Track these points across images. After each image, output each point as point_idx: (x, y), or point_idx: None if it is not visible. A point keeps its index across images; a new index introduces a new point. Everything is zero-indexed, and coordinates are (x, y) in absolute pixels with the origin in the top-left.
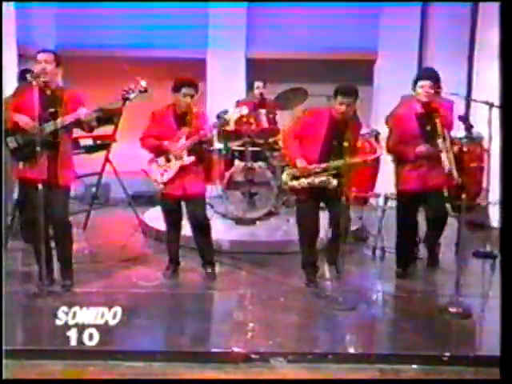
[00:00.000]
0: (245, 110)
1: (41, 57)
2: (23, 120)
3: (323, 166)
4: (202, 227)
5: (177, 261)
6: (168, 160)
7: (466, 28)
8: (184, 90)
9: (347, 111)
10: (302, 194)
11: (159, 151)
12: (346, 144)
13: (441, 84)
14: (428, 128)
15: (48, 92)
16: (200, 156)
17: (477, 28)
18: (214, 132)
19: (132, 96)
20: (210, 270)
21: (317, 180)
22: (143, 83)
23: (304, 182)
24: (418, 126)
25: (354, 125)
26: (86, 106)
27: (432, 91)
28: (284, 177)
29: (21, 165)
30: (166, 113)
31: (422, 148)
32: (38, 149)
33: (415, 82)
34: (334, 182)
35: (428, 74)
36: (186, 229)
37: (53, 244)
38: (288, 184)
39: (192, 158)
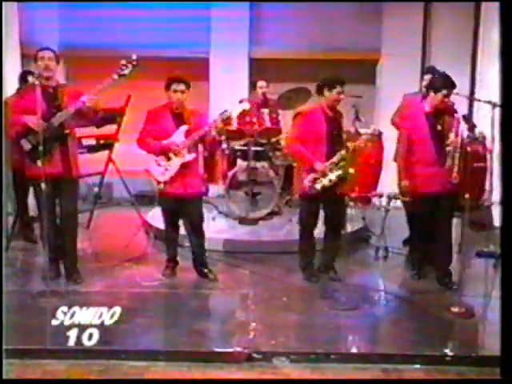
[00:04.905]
0: (247, 105)
1: (44, 54)
2: (32, 120)
3: (335, 159)
4: (197, 227)
5: (175, 259)
6: (168, 158)
7: (468, 27)
8: (174, 87)
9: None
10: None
11: (159, 151)
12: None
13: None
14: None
15: (50, 90)
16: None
17: (479, 27)
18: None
19: (127, 72)
20: (206, 271)
21: (334, 176)
22: (134, 56)
23: (325, 181)
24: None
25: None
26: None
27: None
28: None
29: (39, 163)
30: (162, 112)
31: None
32: (41, 144)
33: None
34: (351, 170)
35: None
36: None
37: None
38: (318, 189)
39: (193, 155)
